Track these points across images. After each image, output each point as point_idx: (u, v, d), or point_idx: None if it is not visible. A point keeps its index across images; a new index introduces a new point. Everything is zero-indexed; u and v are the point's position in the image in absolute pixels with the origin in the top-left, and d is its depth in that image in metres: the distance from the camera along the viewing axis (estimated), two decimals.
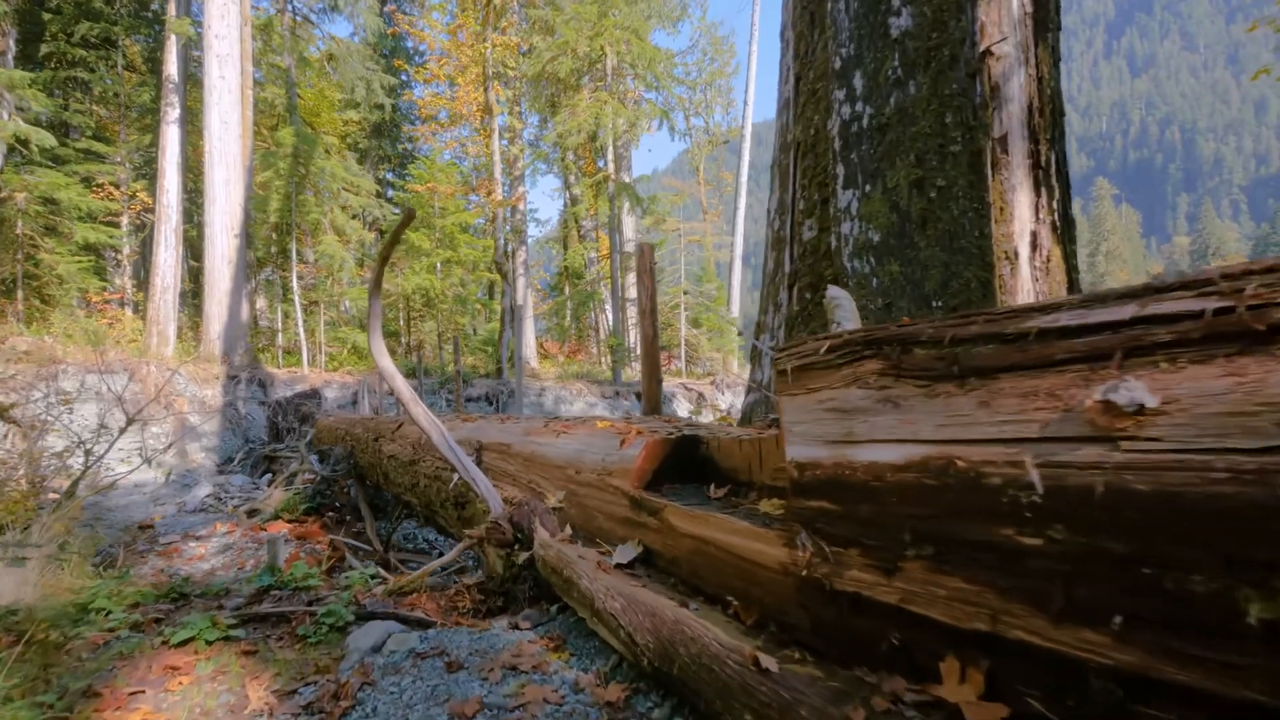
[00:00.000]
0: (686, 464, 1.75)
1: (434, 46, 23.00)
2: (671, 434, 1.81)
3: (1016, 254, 2.19)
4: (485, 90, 17.59)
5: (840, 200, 2.46)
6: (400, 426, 4.68)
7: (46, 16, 17.91)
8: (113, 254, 19.45)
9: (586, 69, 20.09)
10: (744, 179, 28.05)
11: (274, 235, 16.11)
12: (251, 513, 5.59)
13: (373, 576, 2.90)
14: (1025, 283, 2.19)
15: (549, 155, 23.98)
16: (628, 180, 20.57)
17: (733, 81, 27.36)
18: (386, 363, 2.83)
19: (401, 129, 27.16)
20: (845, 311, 1.57)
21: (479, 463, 2.79)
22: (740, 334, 26.58)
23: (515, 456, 2.59)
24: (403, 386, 2.72)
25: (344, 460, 5.90)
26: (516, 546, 1.99)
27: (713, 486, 1.60)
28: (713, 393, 21.96)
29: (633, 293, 22.91)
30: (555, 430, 2.30)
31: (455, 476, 2.54)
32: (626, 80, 22.62)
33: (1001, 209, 2.13)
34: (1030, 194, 2.21)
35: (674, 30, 24.05)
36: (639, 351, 24.50)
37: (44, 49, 17.70)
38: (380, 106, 24.56)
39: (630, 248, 22.64)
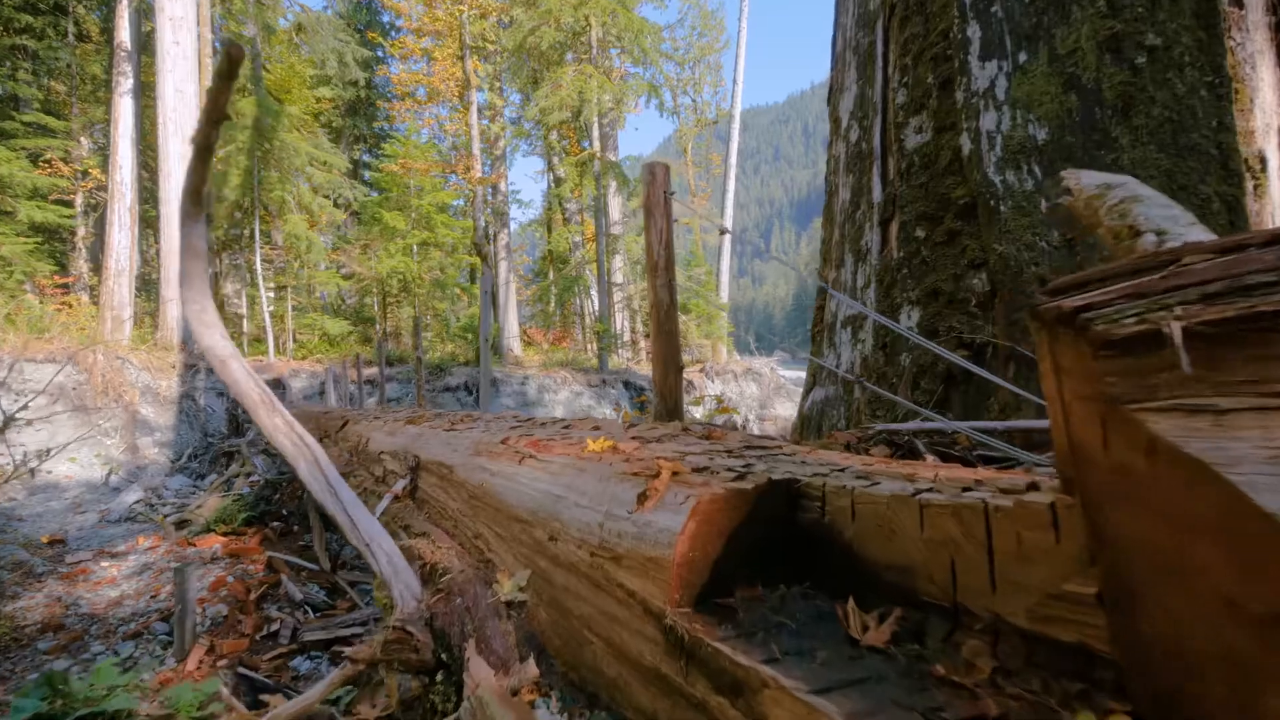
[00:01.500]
0: (767, 530, 0.87)
1: (410, 19, 21.86)
2: (743, 476, 0.90)
3: (1263, 161, 1.43)
4: (463, 61, 16.61)
5: (976, 79, 1.58)
6: (345, 425, 3.92)
7: None
8: (71, 236, 18.32)
9: (570, 42, 19.13)
10: (733, 160, 27.25)
11: (237, 215, 15.09)
12: (181, 524, 4.82)
13: (214, 700, 1.78)
14: (1276, 203, 1.44)
15: (531, 133, 22.99)
16: (614, 159, 19.71)
17: (722, 58, 26.55)
18: (214, 339, 1.79)
19: (378, 107, 25.99)
20: (1155, 210, 0.82)
21: (412, 491, 2.00)
22: (729, 320, 25.93)
23: (458, 487, 1.69)
24: (242, 378, 1.77)
25: None
26: (439, 677, 1.15)
27: (851, 608, 0.72)
28: (703, 381, 21.31)
29: (619, 277, 22.12)
30: (519, 450, 1.42)
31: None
32: (612, 55, 21.68)
33: (1237, 91, 1.41)
34: (1276, 69, 1.46)
35: (662, 4, 23.12)
36: (627, 338, 23.78)
37: None
38: (354, 83, 23.44)
39: (617, 230, 21.81)
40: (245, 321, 15.78)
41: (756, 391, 23.09)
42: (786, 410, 19.84)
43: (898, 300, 1.53)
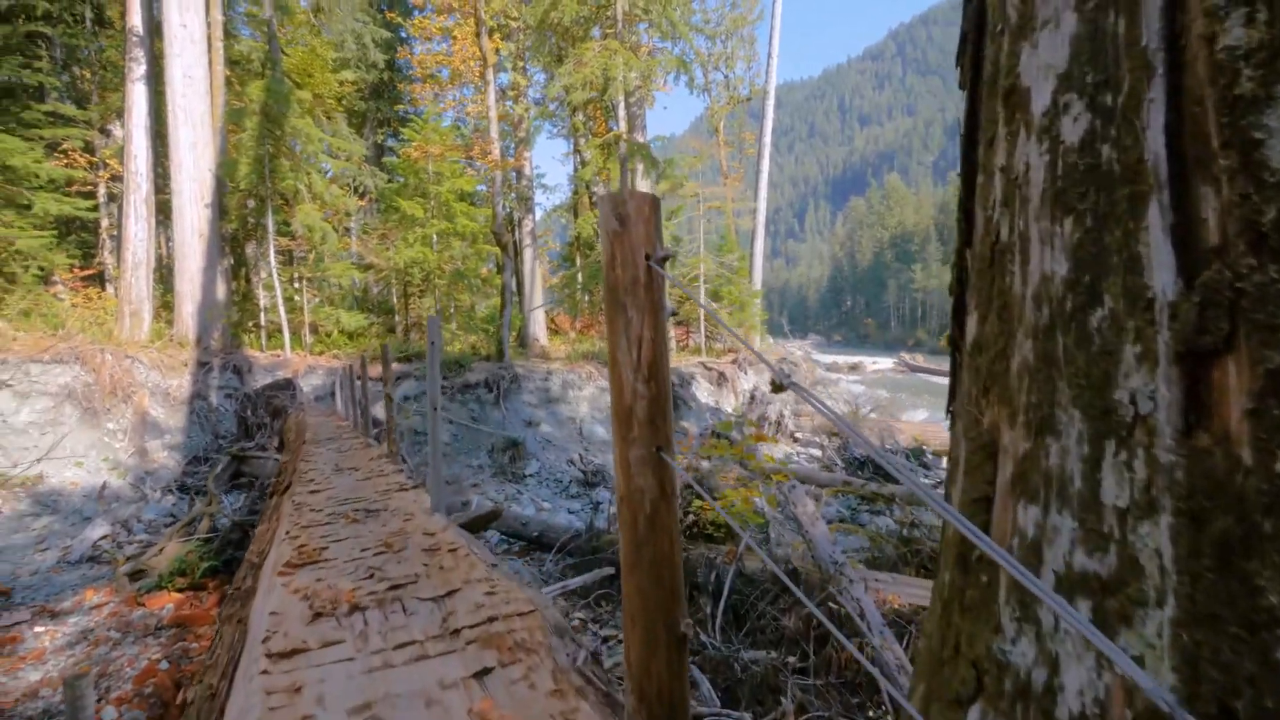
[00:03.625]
0: None
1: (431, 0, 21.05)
2: None
3: None
4: (479, 38, 15.79)
5: None
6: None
7: None
8: (97, 228, 18.20)
9: (595, 16, 18.13)
10: (767, 139, 26.01)
11: (250, 204, 14.63)
12: (136, 574, 4.22)
13: None
14: None
15: (555, 114, 22.11)
16: (642, 141, 18.74)
17: (755, 31, 25.18)
18: None
19: (400, 90, 25.40)
20: None
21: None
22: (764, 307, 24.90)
23: None
24: None
25: (261, 498, 4.50)
26: None
27: None
28: (734, 372, 20.42)
29: None
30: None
31: None
32: (639, 29, 20.61)
33: None
34: None
35: None
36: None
37: (4, 2, 16.18)
38: (375, 65, 22.86)
39: None
40: (263, 314, 15.40)
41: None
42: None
43: None
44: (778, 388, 1.12)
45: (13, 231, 13.49)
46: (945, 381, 1.17)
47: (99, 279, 17.26)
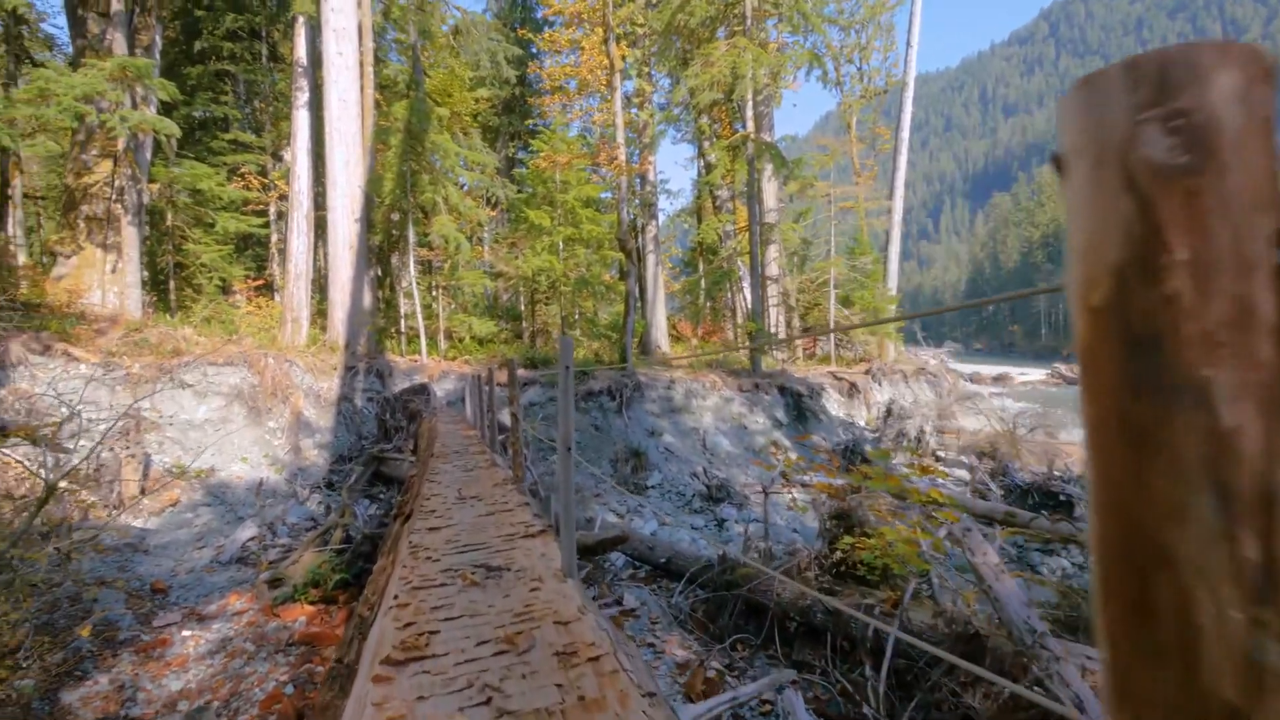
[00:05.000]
0: None
1: (563, 11, 21.55)
2: None
3: None
4: (607, 44, 15.78)
5: None
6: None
7: (200, 14, 18.59)
8: (268, 243, 20.23)
9: (722, 15, 17.64)
10: (905, 133, 24.19)
11: (394, 218, 15.50)
12: (275, 581, 4.23)
13: None
14: None
15: (680, 119, 21.83)
16: (769, 140, 17.96)
17: (893, 18, 23.53)
18: None
19: (530, 103, 26.32)
20: None
21: None
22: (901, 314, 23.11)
23: None
24: None
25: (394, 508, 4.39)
26: None
27: None
28: (867, 383, 19.04)
29: (774, 269, 20.37)
30: None
31: None
32: (768, 26, 19.86)
33: None
34: None
35: None
36: (781, 335, 21.99)
37: (198, 45, 18.39)
38: (508, 81, 23.78)
39: (772, 218, 20.06)
40: (403, 321, 16.28)
41: (932, 396, 20.27)
42: (972, 423, 17.08)
43: None
44: None
45: (199, 247, 15.17)
46: None
47: (269, 289, 19.12)
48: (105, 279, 13.17)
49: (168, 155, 14.65)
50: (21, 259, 14.77)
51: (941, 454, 16.27)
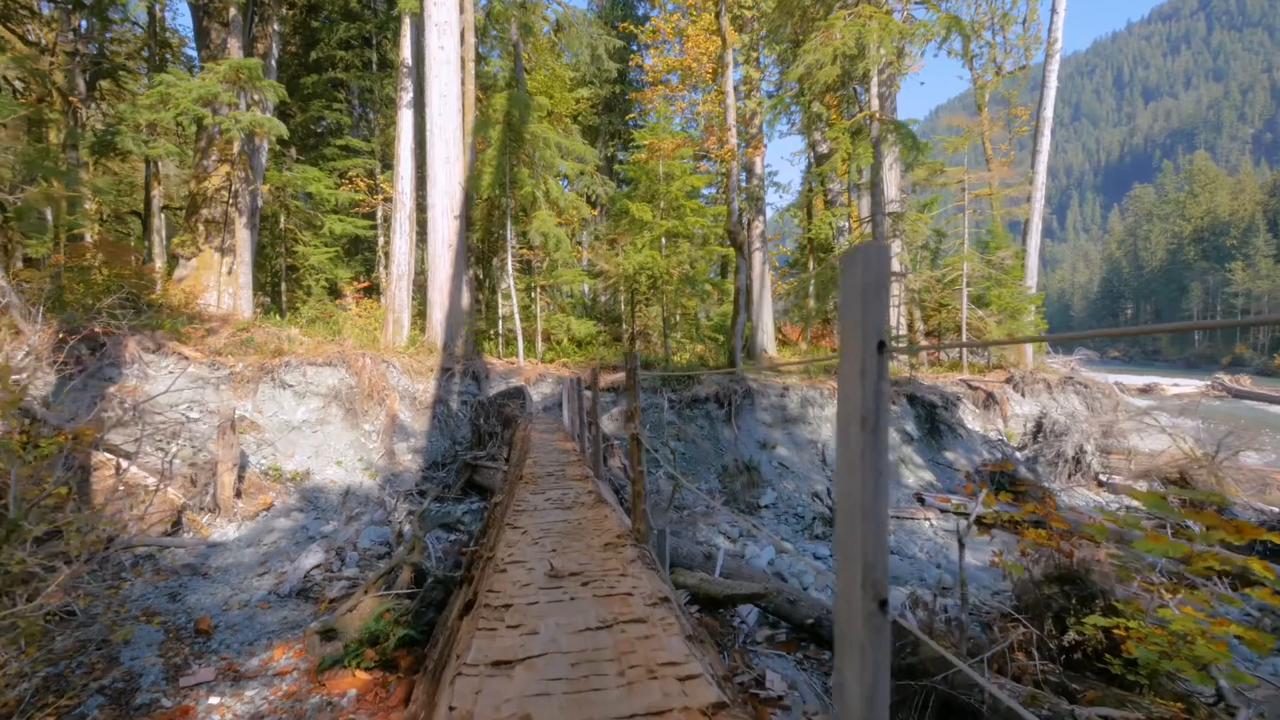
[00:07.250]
0: None
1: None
2: None
3: None
4: (719, 18, 14.61)
5: None
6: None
7: (315, 25, 19.14)
8: (375, 244, 20.59)
9: None
10: (1048, 112, 21.36)
11: (491, 214, 15.03)
12: (327, 633, 3.34)
13: None
14: None
15: (790, 107, 20.26)
16: (896, 120, 16.11)
17: None
18: None
19: (630, 101, 25.64)
20: None
21: None
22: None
23: None
24: None
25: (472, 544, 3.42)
26: None
27: None
28: (1005, 393, 16.68)
29: (897, 265, 18.38)
30: None
31: None
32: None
33: None
34: None
35: None
36: (905, 339, 19.89)
37: (313, 55, 18.93)
38: (608, 78, 23.15)
39: (894, 209, 18.12)
40: (500, 322, 15.79)
41: (1083, 409, 17.52)
42: (1147, 442, 14.48)
43: None
44: None
45: (308, 249, 15.35)
46: None
47: (375, 291, 19.37)
48: (221, 280, 13.45)
49: (284, 160, 14.92)
50: (159, 264, 15.54)
51: (1104, 478, 13.89)
